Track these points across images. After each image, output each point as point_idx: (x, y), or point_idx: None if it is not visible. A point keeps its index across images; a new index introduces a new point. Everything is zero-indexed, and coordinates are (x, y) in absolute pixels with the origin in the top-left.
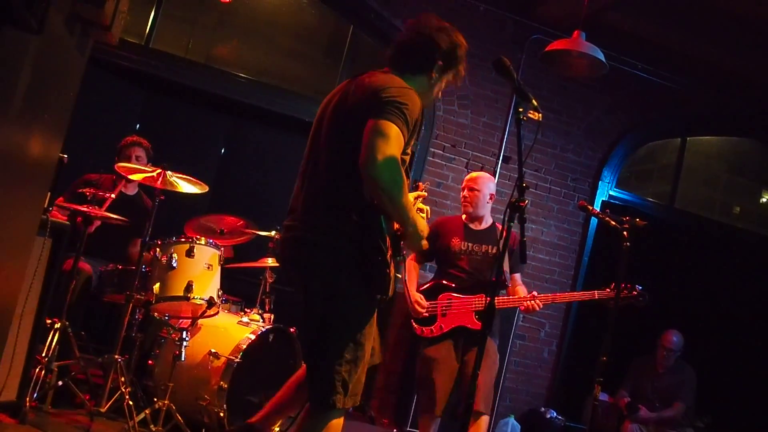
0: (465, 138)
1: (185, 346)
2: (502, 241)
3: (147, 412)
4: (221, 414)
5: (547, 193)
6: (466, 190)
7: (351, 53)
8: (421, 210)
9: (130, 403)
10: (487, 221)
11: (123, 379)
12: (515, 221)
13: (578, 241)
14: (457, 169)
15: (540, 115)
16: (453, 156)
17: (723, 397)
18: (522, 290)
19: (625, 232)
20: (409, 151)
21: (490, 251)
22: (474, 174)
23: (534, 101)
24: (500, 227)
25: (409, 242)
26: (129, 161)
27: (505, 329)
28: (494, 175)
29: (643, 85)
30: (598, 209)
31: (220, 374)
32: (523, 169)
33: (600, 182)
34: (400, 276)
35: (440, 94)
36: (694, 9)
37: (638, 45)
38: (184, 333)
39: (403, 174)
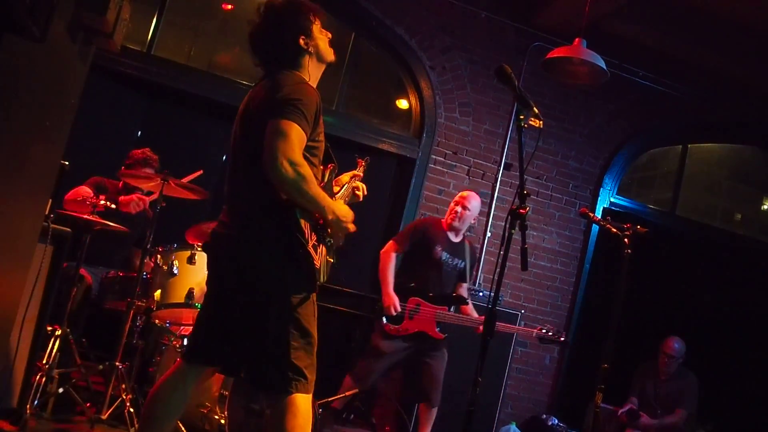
0: (466, 145)
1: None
2: (503, 249)
3: None
4: (222, 421)
5: (548, 200)
6: (459, 207)
7: (353, 61)
8: (357, 188)
9: (131, 410)
10: (461, 236)
11: (124, 386)
12: (516, 228)
13: (579, 249)
14: (459, 176)
15: (541, 122)
16: (454, 163)
17: (725, 404)
18: (474, 312)
19: (626, 239)
20: (321, 138)
21: (458, 265)
22: (469, 194)
23: (535, 108)
24: (468, 243)
25: (334, 229)
26: (137, 179)
27: (506, 335)
28: (495, 182)
29: (644, 92)
30: (599, 216)
31: (221, 382)
32: (525, 176)
33: (601, 189)
34: (332, 260)
35: (332, 54)
36: (695, 16)
37: (639, 52)
38: (185, 340)
39: (308, 167)
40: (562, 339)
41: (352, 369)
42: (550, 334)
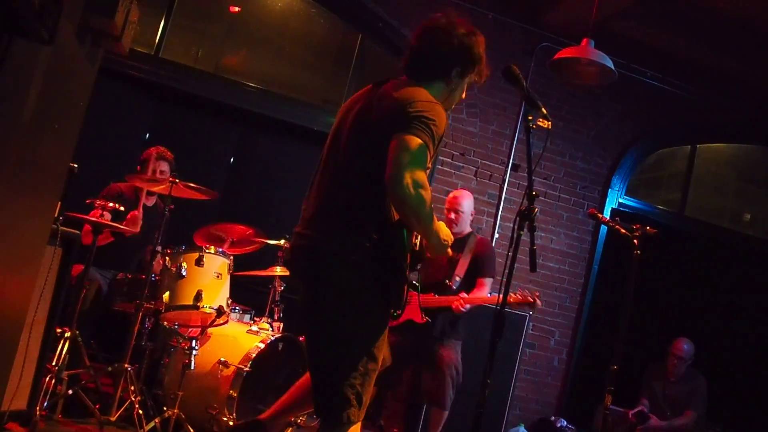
0: (474, 146)
1: (195, 355)
2: (511, 251)
3: (157, 421)
4: (231, 423)
5: (556, 201)
6: (453, 214)
7: (360, 62)
8: None
9: (140, 412)
10: (464, 232)
11: (133, 388)
12: (525, 229)
13: (588, 249)
14: (467, 177)
15: (549, 122)
16: (462, 164)
17: (735, 406)
18: (478, 290)
19: (635, 240)
20: (430, 164)
21: (455, 257)
22: (456, 194)
23: (543, 109)
24: (478, 237)
25: (434, 252)
26: (153, 174)
27: (514, 337)
28: (503, 184)
29: (652, 92)
30: (607, 217)
31: (229, 383)
32: (533, 177)
33: (609, 190)
34: (417, 284)
35: (451, 108)
36: (703, 16)
37: (647, 52)
38: (194, 342)
39: (430, 191)
40: (531, 300)
41: None
42: (520, 298)
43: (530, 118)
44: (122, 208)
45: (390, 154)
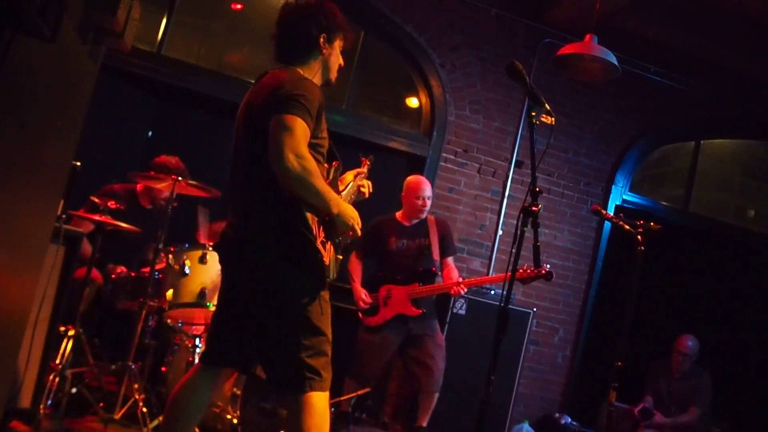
0: (477, 143)
1: (198, 353)
2: (515, 247)
3: (161, 419)
4: (234, 421)
5: (560, 198)
6: (426, 200)
7: (362, 59)
8: (362, 185)
9: (144, 410)
10: (417, 219)
11: (136, 386)
12: (528, 226)
13: (592, 246)
14: (470, 174)
15: (553, 119)
16: (465, 161)
17: (740, 403)
18: (454, 273)
19: (639, 236)
20: (324, 135)
21: (423, 243)
22: (423, 182)
23: (546, 105)
24: (432, 218)
25: (338, 226)
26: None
27: (518, 334)
28: (506, 180)
29: (656, 88)
30: (611, 213)
31: (233, 381)
32: (536, 173)
33: (613, 186)
34: (341, 257)
35: (335, 75)
36: (706, 11)
37: (651, 48)
38: (197, 340)
39: (313, 161)
40: (544, 272)
41: (350, 371)
42: (528, 271)
43: (533, 114)
44: (122, 207)
45: (270, 136)
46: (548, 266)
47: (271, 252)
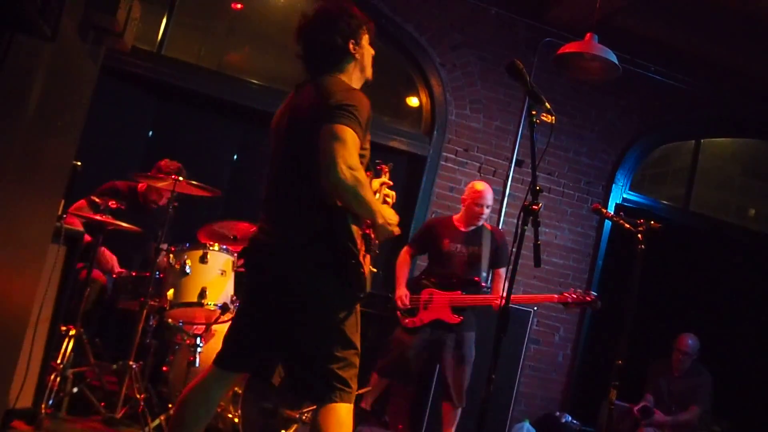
0: (477, 142)
1: (199, 352)
2: (515, 246)
3: (162, 418)
4: (235, 420)
5: (560, 197)
6: (485, 208)
7: None
8: (388, 195)
9: (145, 409)
10: (476, 225)
11: (138, 385)
12: (529, 225)
13: (592, 245)
14: (470, 173)
15: (553, 118)
16: (465, 160)
17: (740, 401)
18: (501, 286)
19: (639, 235)
20: (367, 146)
21: (476, 251)
22: (487, 190)
23: (547, 104)
24: (489, 227)
25: (379, 233)
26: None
27: (518, 333)
28: (507, 179)
29: (656, 87)
30: (611, 212)
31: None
32: (536, 172)
33: (614, 185)
34: (375, 271)
35: (371, 71)
36: (706, 10)
37: (651, 47)
38: (198, 339)
39: (364, 173)
40: (590, 299)
41: (378, 367)
42: (574, 296)
43: (534, 113)
44: (123, 207)
45: (321, 145)
46: (594, 293)
47: (311, 262)
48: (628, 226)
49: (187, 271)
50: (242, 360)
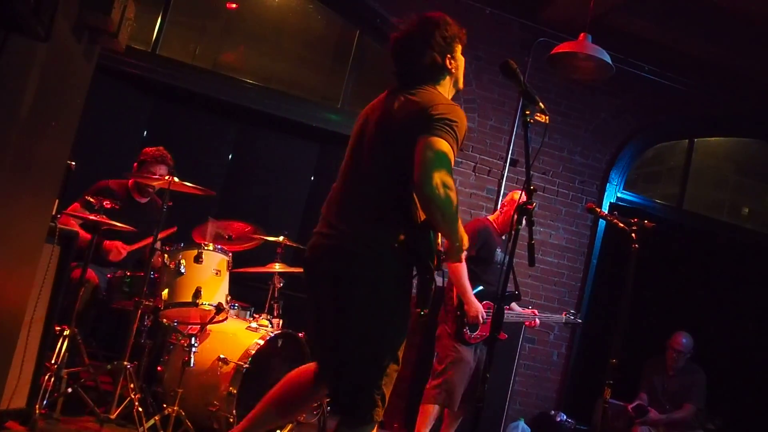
0: (472, 141)
1: (194, 352)
2: (510, 245)
3: (156, 418)
4: (231, 420)
5: (554, 196)
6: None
7: (358, 58)
8: None
9: (140, 409)
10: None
11: (132, 385)
12: (523, 224)
13: (587, 244)
14: (465, 173)
15: (547, 117)
16: (460, 160)
17: (734, 399)
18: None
19: (633, 234)
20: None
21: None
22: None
23: (541, 104)
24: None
25: (452, 256)
26: (151, 175)
27: (513, 332)
28: (501, 179)
29: (650, 86)
30: (606, 211)
31: (229, 380)
32: (531, 172)
33: (608, 184)
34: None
35: (463, 81)
36: (700, 10)
37: (645, 47)
38: (193, 339)
39: (455, 192)
40: (579, 320)
41: (431, 396)
42: (572, 318)
43: (528, 112)
44: (117, 207)
45: (417, 156)
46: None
47: (384, 272)
48: (621, 225)
49: (182, 270)
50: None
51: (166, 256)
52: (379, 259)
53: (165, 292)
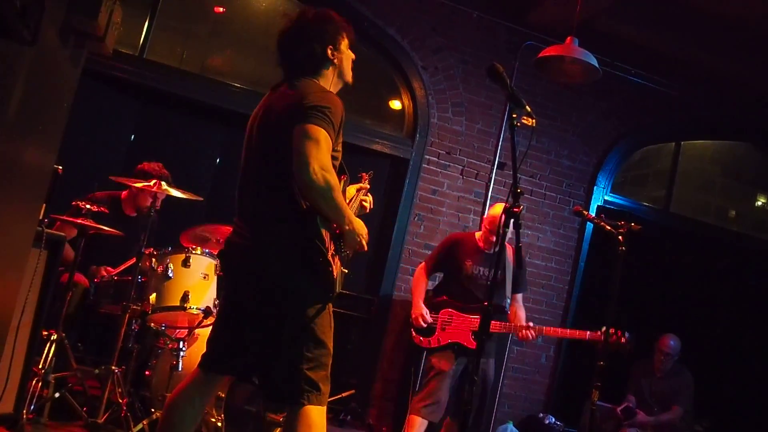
0: (460, 145)
1: (182, 356)
2: (497, 247)
3: (144, 423)
4: (219, 424)
5: (542, 199)
6: (495, 236)
7: None
8: (365, 200)
9: (128, 414)
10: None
11: (120, 390)
12: (510, 227)
13: (574, 247)
14: (452, 176)
15: (534, 121)
16: (448, 163)
17: (721, 401)
18: (522, 313)
19: (620, 237)
20: (339, 149)
21: (500, 276)
22: (498, 213)
23: (527, 107)
24: (510, 248)
25: (347, 241)
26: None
27: (501, 335)
28: (489, 182)
29: (636, 90)
30: (593, 214)
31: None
32: (518, 175)
33: (595, 187)
34: (347, 271)
35: (351, 75)
36: (686, 14)
37: (631, 50)
38: (181, 343)
39: (335, 175)
40: (624, 341)
41: (415, 408)
42: (614, 338)
43: (515, 116)
44: (105, 210)
45: (293, 145)
46: (628, 335)
47: (281, 261)
48: (609, 228)
49: (170, 275)
50: (224, 362)
51: (153, 260)
52: (278, 252)
53: (153, 296)
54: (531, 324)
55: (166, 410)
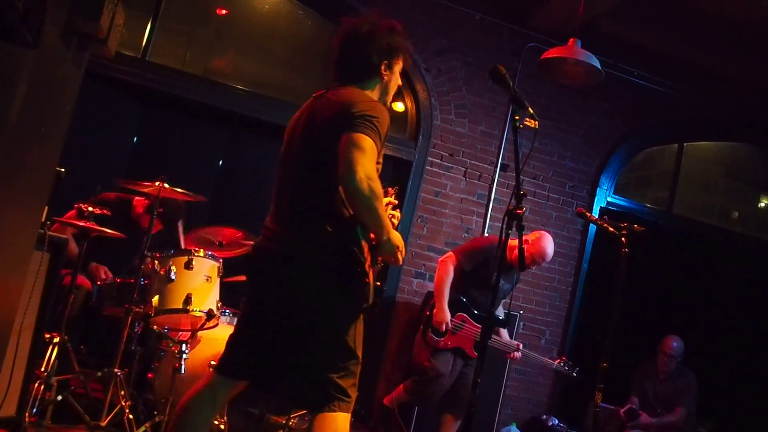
0: (463, 147)
1: (185, 359)
2: (499, 250)
3: (147, 425)
4: (222, 426)
5: (545, 201)
6: (541, 262)
7: None
8: (393, 216)
9: (130, 417)
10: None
11: (123, 392)
12: (513, 229)
13: (577, 248)
14: (456, 178)
15: (537, 122)
16: (451, 165)
17: (725, 402)
18: (506, 332)
19: (623, 238)
20: (380, 160)
21: (507, 289)
22: (547, 243)
23: (530, 109)
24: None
25: (385, 251)
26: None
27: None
28: (492, 184)
29: (639, 91)
30: (596, 216)
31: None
32: (521, 176)
33: (598, 189)
34: (379, 284)
35: (391, 100)
36: (689, 15)
37: (634, 52)
38: (184, 345)
39: (380, 185)
40: (574, 374)
41: (407, 390)
42: (566, 368)
43: (517, 118)
44: (107, 212)
45: (341, 152)
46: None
47: (317, 273)
48: (611, 229)
49: (173, 277)
50: (245, 369)
51: (156, 262)
52: (315, 259)
53: (155, 299)
54: (520, 345)
55: (179, 413)
